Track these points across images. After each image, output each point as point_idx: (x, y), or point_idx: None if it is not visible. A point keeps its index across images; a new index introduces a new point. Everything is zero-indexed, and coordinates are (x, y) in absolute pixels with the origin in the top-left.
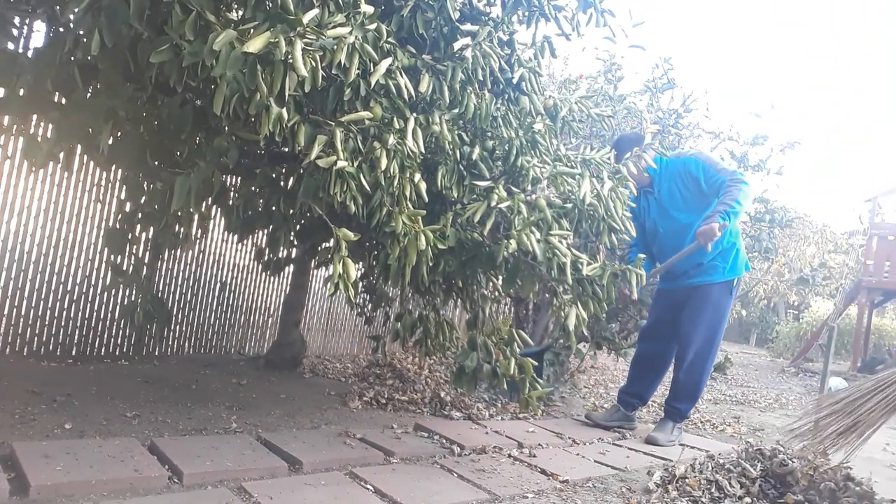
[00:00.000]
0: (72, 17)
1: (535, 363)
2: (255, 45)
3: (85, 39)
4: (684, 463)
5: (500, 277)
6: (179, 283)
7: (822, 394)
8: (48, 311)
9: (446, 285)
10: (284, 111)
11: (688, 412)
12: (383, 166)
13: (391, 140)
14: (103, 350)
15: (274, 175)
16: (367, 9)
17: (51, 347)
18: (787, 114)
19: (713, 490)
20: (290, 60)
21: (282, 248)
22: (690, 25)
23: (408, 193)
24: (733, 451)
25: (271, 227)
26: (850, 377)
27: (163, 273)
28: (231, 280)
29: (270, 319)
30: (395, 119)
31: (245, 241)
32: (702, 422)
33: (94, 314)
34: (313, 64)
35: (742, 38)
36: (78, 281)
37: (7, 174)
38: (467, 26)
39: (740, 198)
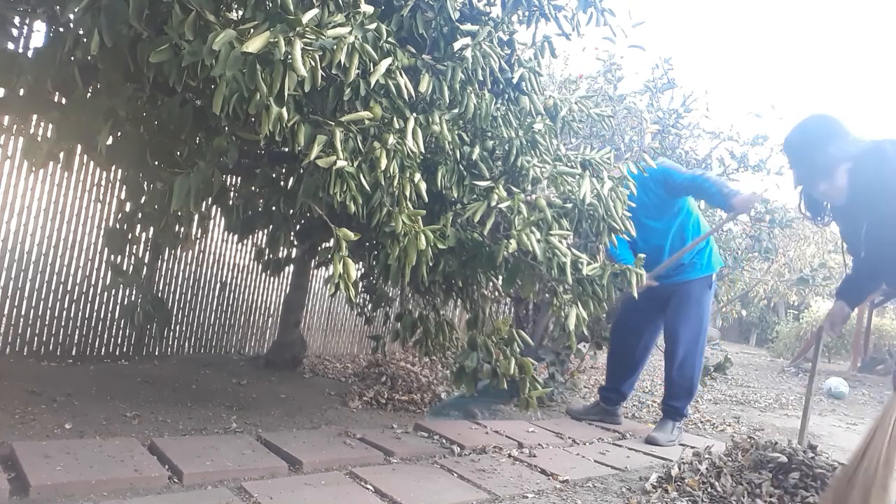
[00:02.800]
0: (71, 16)
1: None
2: (254, 45)
3: (85, 39)
4: (683, 463)
5: (500, 277)
6: (179, 283)
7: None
8: (48, 311)
9: (446, 285)
10: (284, 111)
11: (685, 410)
12: (383, 166)
13: (391, 140)
14: (103, 350)
15: (274, 175)
16: (367, 9)
17: (51, 347)
18: (787, 114)
19: (711, 489)
20: (290, 60)
21: (282, 248)
22: (690, 25)
23: (408, 193)
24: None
25: (271, 227)
26: (851, 377)
27: (163, 273)
28: (231, 280)
29: (270, 319)
30: (394, 119)
31: (245, 241)
32: (702, 422)
33: (94, 314)
34: (312, 64)
35: (742, 38)
36: (78, 281)
37: (7, 174)
38: (467, 26)
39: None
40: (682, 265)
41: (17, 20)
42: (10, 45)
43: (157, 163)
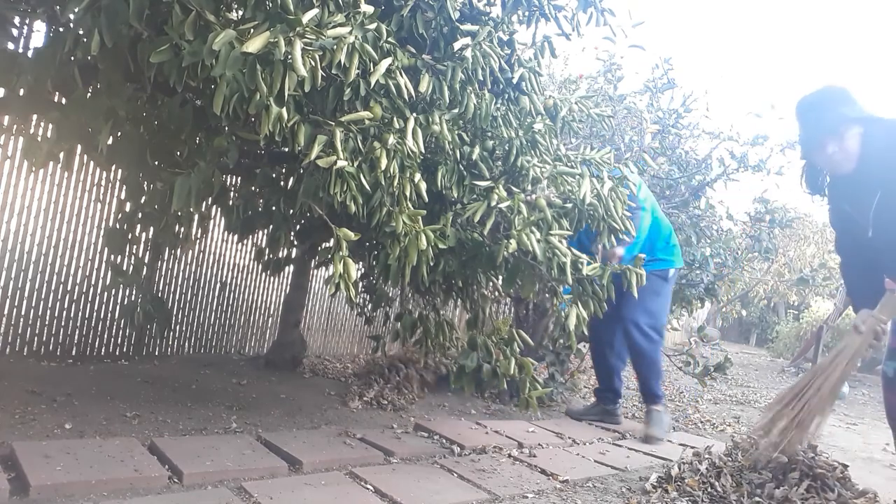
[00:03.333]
0: (72, 16)
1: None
2: (254, 45)
3: (85, 39)
4: (683, 463)
5: (501, 277)
6: (179, 283)
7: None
8: (48, 311)
9: (446, 285)
10: (284, 111)
11: (659, 390)
12: (383, 166)
13: (391, 140)
14: (103, 350)
15: (274, 175)
16: (367, 8)
17: (51, 347)
18: (787, 113)
19: (711, 489)
20: (290, 60)
21: (282, 248)
22: (690, 25)
23: (408, 193)
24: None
25: (271, 227)
26: (851, 377)
27: (163, 273)
28: (231, 280)
29: (270, 319)
30: (394, 119)
31: (245, 241)
32: (702, 422)
33: (94, 314)
34: (313, 64)
35: (742, 38)
36: (78, 281)
37: (7, 174)
38: (467, 26)
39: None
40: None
41: (17, 20)
42: (10, 45)
43: (157, 163)
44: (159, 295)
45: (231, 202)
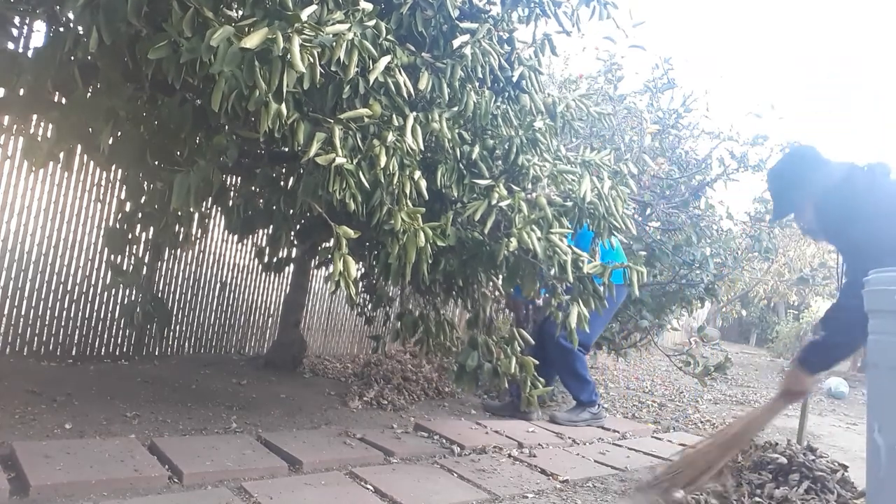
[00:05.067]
0: (71, 14)
1: None
2: (252, 41)
3: (85, 39)
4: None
5: (501, 276)
6: (179, 283)
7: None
8: (48, 311)
9: (447, 284)
10: (283, 107)
11: (586, 397)
12: (383, 164)
13: (390, 138)
14: (103, 350)
15: (274, 174)
16: (367, 6)
17: (51, 347)
18: (787, 113)
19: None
20: (288, 57)
21: (282, 248)
22: (690, 25)
23: (408, 191)
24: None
25: (271, 226)
26: (851, 377)
27: (163, 273)
28: (231, 280)
29: (270, 319)
30: (394, 117)
31: (245, 241)
32: (702, 422)
33: (94, 314)
34: (311, 60)
35: (742, 38)
36: (78, 281)
37: (7, 174)
38: (467, 24)
39: None
40: None
41: (17, 20)
42: (10, 45)
43: (157, 162)
44: (159, 295)
45: (231, 202)
